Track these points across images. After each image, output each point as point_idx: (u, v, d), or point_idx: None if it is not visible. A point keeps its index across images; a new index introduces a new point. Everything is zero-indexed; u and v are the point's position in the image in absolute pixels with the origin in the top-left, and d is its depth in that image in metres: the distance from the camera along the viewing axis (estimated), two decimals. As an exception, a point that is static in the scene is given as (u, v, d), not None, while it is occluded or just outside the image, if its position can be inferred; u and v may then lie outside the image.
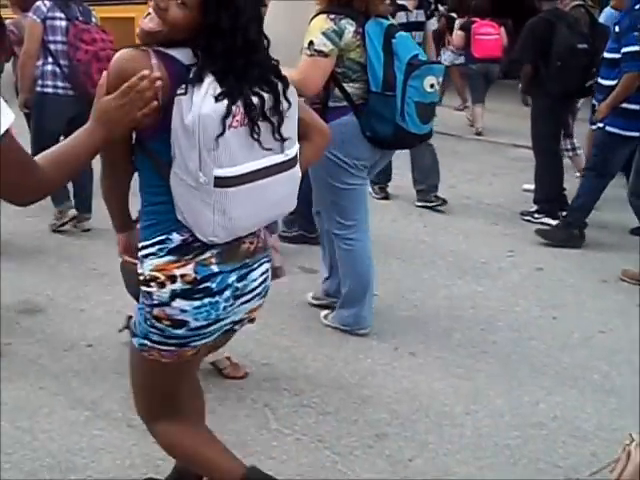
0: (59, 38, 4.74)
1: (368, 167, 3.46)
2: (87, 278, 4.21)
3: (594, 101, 5.04)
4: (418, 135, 3.27)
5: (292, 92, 1.86)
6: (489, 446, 2.81)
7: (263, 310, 2.09)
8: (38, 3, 4.77)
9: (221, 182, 1.73)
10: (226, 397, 3.04)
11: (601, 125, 4.80)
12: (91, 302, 3.92)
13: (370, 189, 5.84)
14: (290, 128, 1.87)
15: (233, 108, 1.71)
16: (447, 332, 3.72)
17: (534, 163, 5.75)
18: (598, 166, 4.89)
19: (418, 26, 5.29)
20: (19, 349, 3.42)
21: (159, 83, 1.70)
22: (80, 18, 4.79)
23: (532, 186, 5.83)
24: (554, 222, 5.28)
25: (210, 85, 1.70)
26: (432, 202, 5.72)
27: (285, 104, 1.82)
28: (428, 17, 5.42)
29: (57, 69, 4.74)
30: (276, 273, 2.81)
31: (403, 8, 5.20)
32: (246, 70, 1.76)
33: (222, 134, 1.70)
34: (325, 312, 3.75)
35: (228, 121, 1.70)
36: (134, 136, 1.84)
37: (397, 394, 3.13)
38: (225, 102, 1.70)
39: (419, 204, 5.80)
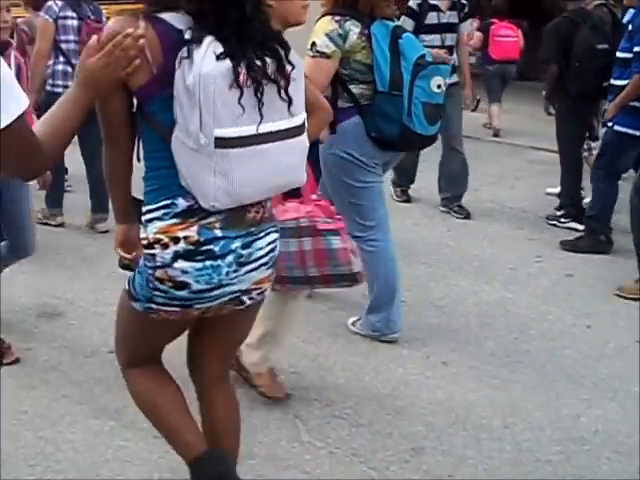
0: (71, 37, 4.72)
1: (381, 165, 3.41)
2: (106, 281, 4.10)
3: (607, 103, 4.89)
4: (424, 136, 3.22)
5: (297, 58, 1.84)
6: (530, 461, 2.69)
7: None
8: (50, 2, 4.75)
9: (222, 143, 1.70)
10: (255, 407, 2.93)
11: (610, 124, 4.68)
12: (111, 306, 3.75)
13: (392, 191, 5.75)
14: (296, 93, 1.83)
15: (237, 69, 1.69)
16: (479, 340, 3.61)
17: (555, 166, 5.64)
18: (606, 165, 4.79)
19: (450, 27, 5.17)
20: (39, 355, 3.33)
21: (142, 41, 1.70)
22: (92, 17, 4.80)
23: (556, 190, 5.73)
24: (581, 227, 5.14)
25: (210, 44, 1.68)
26: (455, 213, 5.56)
27: (289, 67, 1.79)
28: (461, 19, 5.27)
29: (69, 68, 4.71)
30: (356, 278, 2.76)
31: (435, 8, 5.09)
32: (247, 34, 1.74)
33: (241, 96, 1.69)
34: (352, 319, 3.65)
35: (232, 81, 1.68)
36: (135, 103, 1.82)
37: (432, 405, 3.02)
38: (227, 61, 1.68)
39: (443, 209, 5.67)
